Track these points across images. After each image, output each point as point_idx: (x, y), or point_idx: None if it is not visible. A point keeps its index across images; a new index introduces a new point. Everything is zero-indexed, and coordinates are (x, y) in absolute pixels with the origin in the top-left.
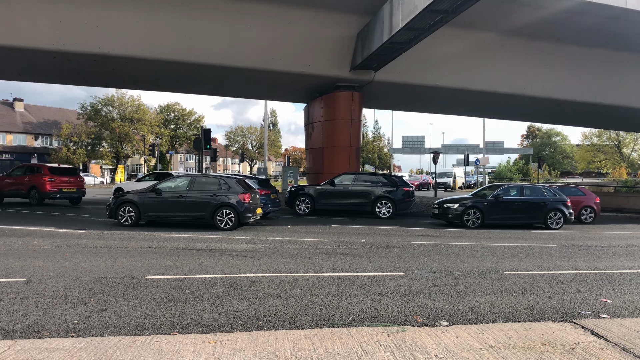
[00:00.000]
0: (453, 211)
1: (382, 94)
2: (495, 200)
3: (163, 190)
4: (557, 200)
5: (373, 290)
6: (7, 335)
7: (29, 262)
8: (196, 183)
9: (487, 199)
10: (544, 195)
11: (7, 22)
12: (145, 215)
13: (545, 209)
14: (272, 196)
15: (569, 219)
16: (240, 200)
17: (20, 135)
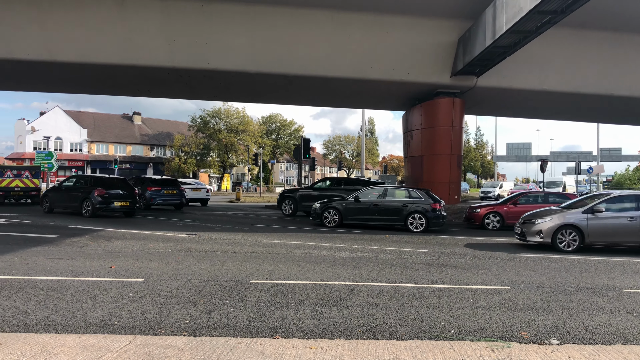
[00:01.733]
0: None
1: (485, 100)
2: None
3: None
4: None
5: (476, 303)
6: (128, 331)
7: (145, 263)
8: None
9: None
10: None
11: (128, 44)
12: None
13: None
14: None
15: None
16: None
17: (138, 146)
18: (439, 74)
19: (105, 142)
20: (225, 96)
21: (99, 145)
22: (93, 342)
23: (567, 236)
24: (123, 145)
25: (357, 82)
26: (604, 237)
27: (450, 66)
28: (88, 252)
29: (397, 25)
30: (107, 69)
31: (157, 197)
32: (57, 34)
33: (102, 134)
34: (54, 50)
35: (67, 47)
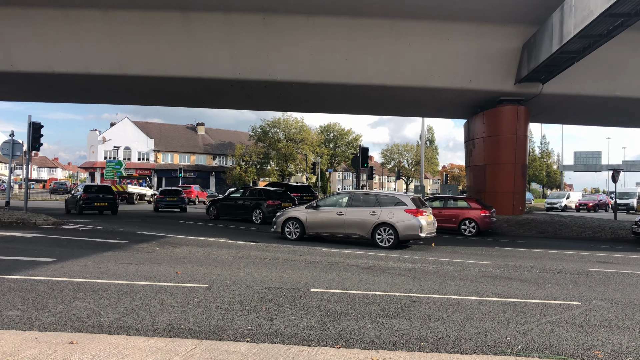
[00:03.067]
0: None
1: (551, 107)
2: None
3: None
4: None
5: (544, 319)
6: (194, 335)
7: (209, 269)
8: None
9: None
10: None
11: (194, 57)
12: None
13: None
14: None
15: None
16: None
17: (201, 155)
18: (502, 81)
19: (170, 151)
20: (285, 106)
21: (165, 155)
22: (161, 345)
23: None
24: (187, 155)
25: (417, 90)
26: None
27: (514, 73)
28: (155, 258)
29: (458, 32)
30: (174, 81)
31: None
32: (128, 48)
33: (167, 144)
34: (124, 64)
35: (136, 61)
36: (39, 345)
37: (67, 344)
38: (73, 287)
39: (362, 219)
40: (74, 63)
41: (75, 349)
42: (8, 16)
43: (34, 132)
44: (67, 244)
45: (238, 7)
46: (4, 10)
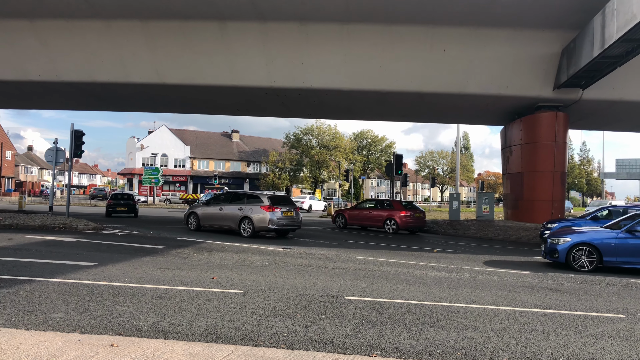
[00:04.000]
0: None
1: (592, 114)
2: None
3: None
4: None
5: (586, 331)
6: (230, 341)
7: (244, 275)
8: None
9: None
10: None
11: (230, 66)
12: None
13: None
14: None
15: None
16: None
17: (236, 162)
18: (540, 87)
19: (206, 158)
20: (319, 114)
21: (201, 162)
22: (198, 350)
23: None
24: (222, 162)
25: (452, 97)
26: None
27: (553, 79)
28: (191, 263)
29: (495, 38)
30: (210, 90)
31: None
32: (166, 58)
33: (203, 151)
34: (162, 73)
35: (174, 70)
36: (82, 347)
37: (108, 347)
38: (113, 291)
39: (233, 214)
40: (114, 72)
41: (115, 351)
42: (54, 28)
43: (76, 139)
44: (106, 249)
45: (274, 16)
46: (51, 23)
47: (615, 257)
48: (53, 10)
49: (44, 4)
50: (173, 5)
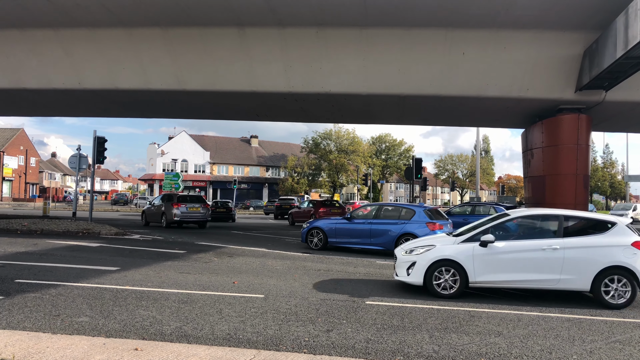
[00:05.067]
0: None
1: (616, 116)
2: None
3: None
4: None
5: (612, 337)
6: (252, 345)
7: (265, 280)
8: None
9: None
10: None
11: (249, 71)
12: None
13: None
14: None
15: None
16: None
17: (254, 167)
18: (561, 90)
19: (225, 163)
20: (337, 118)
21: (220, 167)
22: (221, 354)
23: None
24: (241, 167)
25: (472, 100)
26: None
27: (575, 80)
28: (213, 268)
29: (515, 40)
30: (229, 96)
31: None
32: (186, 64)
33: (222, 156)
34: (183, 79)
35: (194, 77)
36: (107, 351)
37: (132, 351)
38: (136, 295)
39: (158, 211)
40: (135, 79)
41: (140, 355)
42: (78, 38)
43: (99, 146)
44: (129, 254)
45: (292, 22)
46: (75, 32)
47: (335, 238)
48: (77, 20)
49: (68, 13)
50: (193, 12)
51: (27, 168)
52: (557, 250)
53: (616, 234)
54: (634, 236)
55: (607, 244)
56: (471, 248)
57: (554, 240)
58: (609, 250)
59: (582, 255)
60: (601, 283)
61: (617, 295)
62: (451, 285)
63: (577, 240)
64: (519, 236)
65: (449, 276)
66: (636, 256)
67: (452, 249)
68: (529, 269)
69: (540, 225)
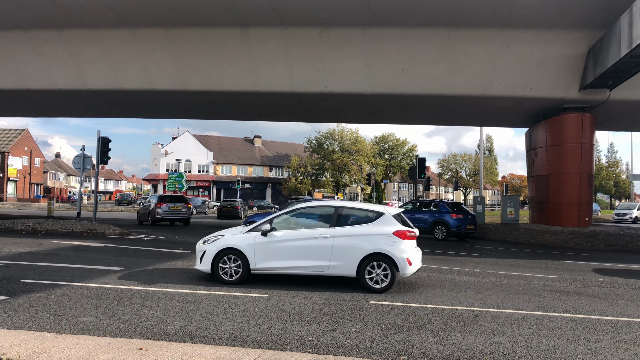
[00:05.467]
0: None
1: (620, 114)
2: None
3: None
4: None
5: (618, 337)
6: (257, 345)
7: (269, 280)
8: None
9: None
10: None
11: (252, 71)
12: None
13: None
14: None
15: None
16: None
17: (258, 167)
18: (565, 89)
19: (229, 163)
20: (341, 118)
21: (224, 167)
22: (225, 354)
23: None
24: (245, 167)
25: (475, 99)
26: None
27: (579, 79)
28: None
29: (518, 39)
30: (233, 96)
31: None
32: (189, 65)
33: (226, 156)
34: (186, 80)
35: (198, 77)
36: (112, 350)
37: (137, 350)
38: (140, 295)
39: (146, 211)
40: (139, 80)
41: (144, 355)
42: (82, 38)
43: (103, 146)
44: (133, 254)
45: (296, 22)
46: (79, 33)
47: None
48: (81, 21)
49: (72, 14)
50: (196, 13)
51: (32, 168)
52: (327, 238)
53: (381, 224)
54: (397, 226)
55: (371, 233)
56: (253, 237)
57: (325, 230)
58: (373, 238)
59: (349, 243)
60: (365, 269)
61: (380, 280)
62: (235, 272)
63: (346, 229)
64: (299, 226)
65: (232, 264)
66: (396, 244)
67: (237, 238)
68: (303, 256)
69: (318, 215)
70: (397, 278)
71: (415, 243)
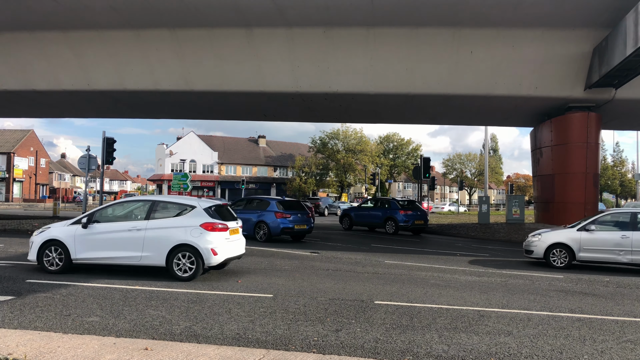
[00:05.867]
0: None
1: (625, 113)
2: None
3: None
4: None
5: (624, 337)
6: (261, 345)
7: (274, 280)
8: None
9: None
10: None
11: (256, 72)
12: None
13: None
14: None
15: None
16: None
17: (262, 167)
18: (570, 88)
19: (233, 163)
20: (345, 118)
21: (228, 167)
22: (230, 354)
23: None
24: (249, 167)
25: (480, 99)
26: None
27: (584, 78)
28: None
29: (523, 38)
30: (237, 96)
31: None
32: (194, 65)
33: (230, 156)
34: (190, 80)
35: (202, 77)
36: (117, 350)
37: (142, 350)
38: (145, 295)
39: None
40: (144, 80)
41: (150, 355)
42: (86, 39)
43: (108, 146)
44: None
45: (300, 22)
46: (83, 34)
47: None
48: (85, 22)
49: (77, 15)
50: (200, 13)
51: (37, 169)
52: (140, 230)
53: (191, 217)
54: (205, 218)
55: (180, 225)
56: (74, 229)
57: (139, 222)
58: (181, 230)
59: (159, 234)
60: (173, 259)
61: (187, 269)
62: (58, 262)
63: (158, 222)
64: (118, 219)
65: (55, 254)
66: (202, 235)
67: (60, 230)
68: (119, 247)
69: (136, 209)
70: (202, 267)
71: (229, 234)
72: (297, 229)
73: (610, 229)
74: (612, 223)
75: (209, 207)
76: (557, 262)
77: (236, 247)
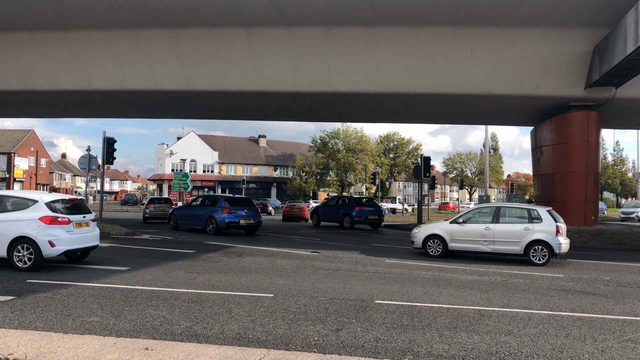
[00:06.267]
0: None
1: (626, 112)
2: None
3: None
4: None
5: (625, 336)
6: (262, 345)
7: (274, 279)
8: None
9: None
10: None
11: (257, 71)
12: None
13: None
14: None
15: None
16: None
17: (263, 167)
18: (571, 87)
19: (234, 163)
20: (345, 117)
21: (229, 167)
22: (231, 354)
23: None
24: (250, 167)
25: (480, 98)
26: None
27: (584, 77)
28: (222, 267)
29: (524, 37)
30: (237, 95)
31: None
32: (194, 65)
33: (231, 156)
34: (191, 80)
35: (202, 77)
36: (118, 350)
37: (142, 350)
38: (146, 295)
39: (143, 211)
40: (144, 80)
41: (150, 355)
42: (87, 39)
43: (108, 146)
44: (139, 254)
45: (300, 21)
46: (84, 34)
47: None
48: (85, 22)
49: (77, 15)
50: (200, 13)
51: (38, 169)
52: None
53: (32, 210)
54: (45, 212)
55: (21, 219)
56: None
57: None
58: (21, 223)
59: (1, 227)
60: (14, 251)
61: (27, 260)
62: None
63: (1, 215)
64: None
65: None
66: (41, 228)
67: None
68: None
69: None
70: (42, 258)
71: (72, 227)
72: (242, 224)
73: (477, 222)
74: (480, 216)
75: (51, 201)
76: (433, 252)
77: (84, 239)
